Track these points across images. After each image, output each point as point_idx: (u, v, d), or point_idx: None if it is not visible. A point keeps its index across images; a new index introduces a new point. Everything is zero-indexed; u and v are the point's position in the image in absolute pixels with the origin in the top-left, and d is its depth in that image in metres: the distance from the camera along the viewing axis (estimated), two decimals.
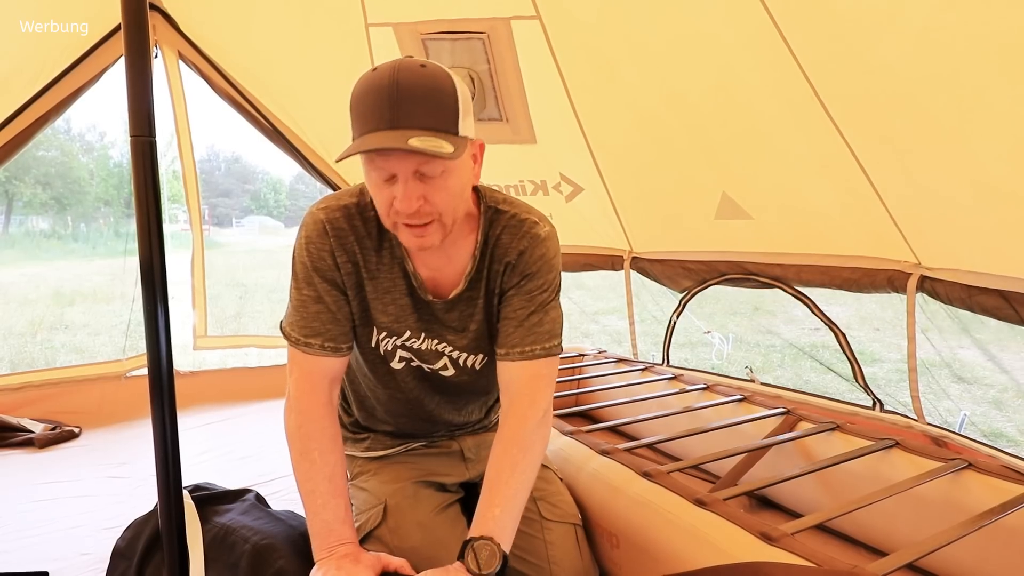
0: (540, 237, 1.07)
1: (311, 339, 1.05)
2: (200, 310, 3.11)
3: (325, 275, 1.04)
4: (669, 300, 2.66)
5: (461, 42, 2.27)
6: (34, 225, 24.16)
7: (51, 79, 2.37)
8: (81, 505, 1.87)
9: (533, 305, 1.06)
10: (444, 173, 0.91)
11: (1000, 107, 1.23)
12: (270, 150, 2.98)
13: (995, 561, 1.24)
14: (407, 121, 0.86)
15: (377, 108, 0.87)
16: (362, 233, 1.05)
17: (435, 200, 0.91)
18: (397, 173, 0.89)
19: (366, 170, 0.93)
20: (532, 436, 1.03)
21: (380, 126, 0.87)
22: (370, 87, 0.89)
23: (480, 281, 1.09)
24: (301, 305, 1.05)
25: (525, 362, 1.05)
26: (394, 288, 1.08)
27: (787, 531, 1.02)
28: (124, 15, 1.00)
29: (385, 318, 1.09)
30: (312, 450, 1.03)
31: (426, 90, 0.88)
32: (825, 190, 1.78)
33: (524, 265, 1.06)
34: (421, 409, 1.23)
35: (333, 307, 1.05)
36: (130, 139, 1.02)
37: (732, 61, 1.70)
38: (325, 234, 1.03)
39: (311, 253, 1.04)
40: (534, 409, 1.05)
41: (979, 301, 1.54)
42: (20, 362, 5.69)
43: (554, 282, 1.09)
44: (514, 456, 1.01)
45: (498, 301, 1.10)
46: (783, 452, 1.67)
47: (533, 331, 1.05)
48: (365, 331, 1.12)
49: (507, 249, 1.07)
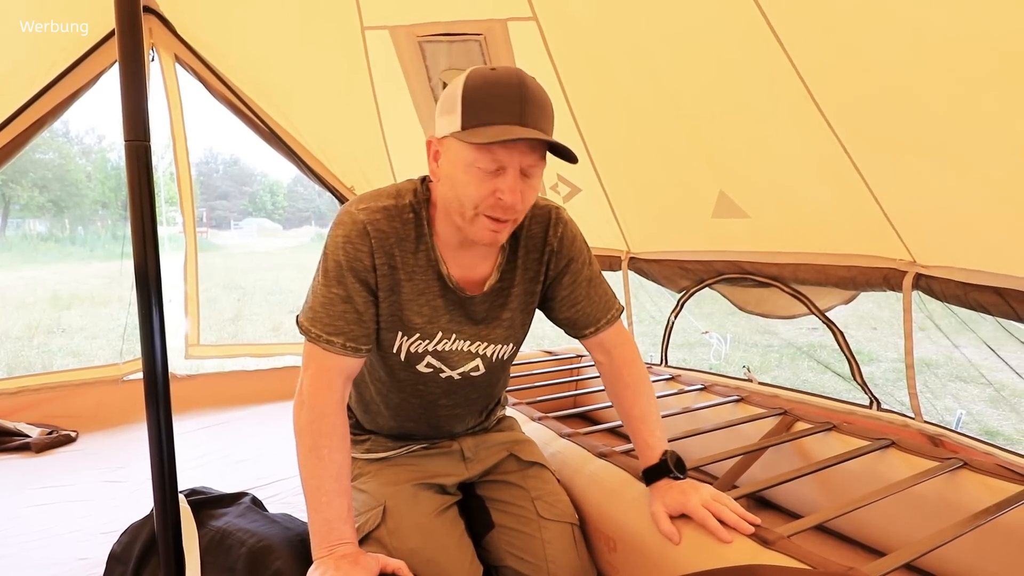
0: (567, 221, 1.19)
1: (333, 337, 1.05)
2: (193, 317, 3.04)
3: (359, 275, 1.05)
4: (667, 300, 2.66)
5: (458, 44, 2.27)
6: (31, 228, 24.16)
7: (48, 81, 2.37)
8: (78, 510, 1.87)
9: (587, 280, 1.20)
10: (538, 178, 1.00)
11: (992, 107, 1.23)
12: (268, 152, 3.00)
13: (992, 560, 1.25)
14: (533, 122, 0.94)
15: (508, 103, 0.93)
16: (401, 235, 1.06)
17: (526, 199, 0.99)
18: (508, 166, 0.95)
19: (472, 159, 0.95)
20: (643, 372, 1.24)
21: (511, 120, 0.93)
22: (498, 84, 0.94)
23: (514, 271, 1.16)
24: (328, 302, 1.05)
25: (611, 328, 1.23)
26: (428, 290, 1.10)
27: (783, 533, 1.02)
28: (117, 19, 0.99)
29: (419, 319, 1.11)
30: (322, 447, 1.03)
31: (543, 99, 0.97)
32: (821, 189, 1.79)
33: (567, 249, 1.18)
34: (431, 415, 1.25)
35: (361, 307, 1.06)
36: (125, 144, 1.02)
37: (727, 61, 1.71)
38: (365, 235, 1.04)
39: (348, 252, 1.04)
40: (633, 354, 1.25)
41: (975, 298, 1.54)
42: (17, 366, 5.67)
43: (590, 255, 1.23)
44: (642, 392, 1.21)
45: (544, 286, 1.20)
46: (780, 452, 1.68)
47: (601, 302, 1.22)
48: (389, 336, 1.12)
49: (542, 239, 1.16)
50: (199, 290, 3.06)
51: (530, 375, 2.42)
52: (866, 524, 1.49)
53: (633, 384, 1.22)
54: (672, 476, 1.12)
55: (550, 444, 1.54)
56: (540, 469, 1.31)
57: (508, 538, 1.21)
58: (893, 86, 1.37)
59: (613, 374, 1.24)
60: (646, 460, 1.17)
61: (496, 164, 0.95)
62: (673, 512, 1.09)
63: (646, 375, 1.25)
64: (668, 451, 1.15)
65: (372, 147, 2.90)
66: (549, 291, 1.21)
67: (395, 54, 2.36)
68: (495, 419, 1.41)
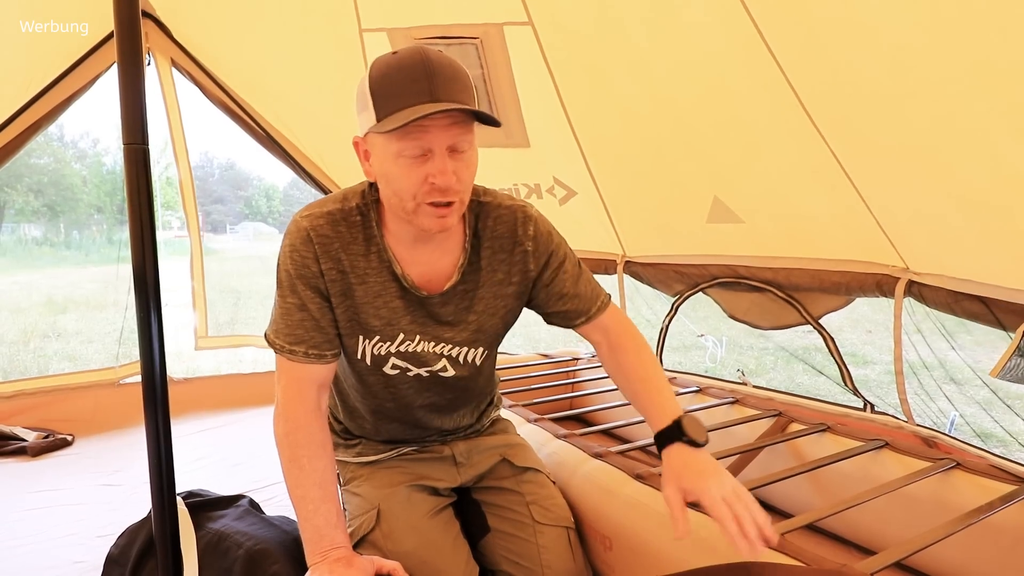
0: (535, 217, 1.14)
1: (295, 346, 1.05)
2: (200, 312, 3.16)
3: (309, 282, 1.04)
4: (662, 304, 2.67)
5: (455, 47, 2.28)
6: (26, 233, 24.06)
7: (44, 85, 2.37)
8: (74, 513, 1.87)
9: (570, 274, 1.17)
10: (469, 150, 0.96)
11: (974, 121, 1.24)
12: (264, 156, 2.99)
13: (982, 559, 1.26)
14: (445, 95, 0.89)
15: (414, 82, 0.89)
16: (347, 239, 1.05)
17: (463, 177, 0.95)
18: (433, 147, 0.92)
19: (396, 149, 0.93)
20: (644, 340, 1.21)
21: (422, 99, 0.89)
22: (399, 66, 0.91)
23: (477, 272, 1.11)
24: (286, 313, 1.05)
25: (603, 314, 1.20)
26: (385, 291, 1.08)
27: (778, 531, 1.03)
28: (116, 22, 1.00)
29: (377, 322, 1.09)
30: (301, 457, 1.03)
31: (453, 69, 0.92)
32: (815, 196, 1.80)
33: (543, 246, 1.14)
34: (411, 416, 1.23)
35: (317, 314, 1.06)
36: (123, 147, 1.03)
37: (722, 70, 1.72)
38: (309, 241, 1.03)
39: (295, 261, 1.04)
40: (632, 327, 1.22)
41: (963, 306, 1.56)
42: (12, 370, 5.65)
43: (566, 245, 1.19)
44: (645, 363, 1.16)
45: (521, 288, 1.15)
46: (775, 453, 1.68)
47: (587, 291, 1.19)
48: (351, 342, 1.11)
49: (511, 239, 1.12)
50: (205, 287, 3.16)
51: (526, 378, 2.43)
52: (859, 523, 1.50)
53: (635, 349, 1.18)
54: (686, 440, 1.00)
55: (546, 446, 1.54)
56: (535, 473, 1.30)
57: (504, 543, 1.21)
58: (881, 99, 1.38)
59: (613, 346, 1.20)
60: (656, 422, 1.05)
61: (420, 148, 0.92)
62: (689, 498, 0.95)
63: (647, 343, 1.20)
64: (686, 414, 1.04)
65: None
66: (534, 291, 1.17)
67: None
68: (488, 421, 1.39)
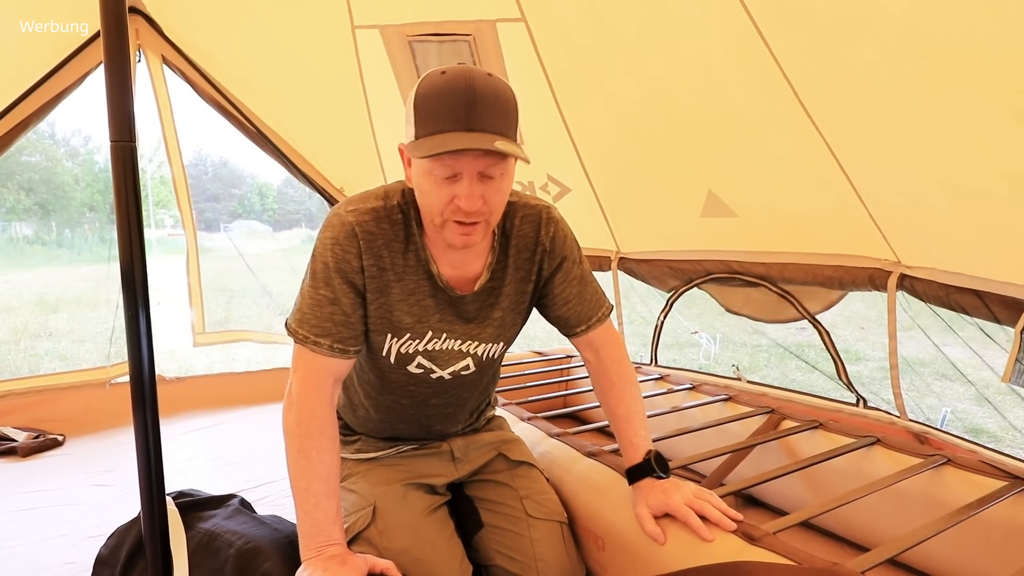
0: (558, 220, 1.19)
1: (321, 338, 1.05)
2: (198, 308, 3.17)
3: (347, 277, 1.05)
4: (657, 300, 2.67)
5: (448, 44, 2.27)
6: (17, 231, 23.87)
7: (34, 82, 2.34)
8: (65, 514, 1.85)
9: (578, 280, 1.21)
10: (502, 176, 0.97)
11: (971, 113, 1.25)
12: (258, 155, 2.98)
13: (973, 554, 1.27)
14: (482, 124, 0.91)
15: (453, 109, 0.91)
16: (390, 236, 1.06)
17: (491, 201, 0.97)
18: (463, 172, 0.93)
19: (427, 167, 0.95)
20: (630, 371, 1.26)
21: (457, 127, 0.91)
22: (444, 88, 0.92)
23: (505, 271, 1.16)
24: (316, 304, 1.05)
25: (600, 327, 1.24)
26: (418, 289, 1.10)
27: (769, 530, 1.03)
28: (103, 19, 0.99)
29: (409, 319, 1.11)
30: (310, 448, 1.03)
31: (497, 97, 0.93)
32: (808, 190, 1.80)
33: (559, 248, 1.18)
34: (424, 415, 1.25)
35: (348, 309, 1.06)
36: (110, 144, 1.02)
37: (716, 64, 1.72)
38: (353, 236, 1.04)
39: (336, 255, 1.04)
40: (621, 353, 1.26)
41: (956, 299, 1.56)
42: (3, 370, 5.60)
43: (581, 254, 1.24)
44: (628, 391, 1.23)
45: (536, 286, 1.20)
46: (768, 451, 1.69)
47: (592, 300, 1.23)
48: (379, 339, 1.12)
49: (534, 238, 1.15)
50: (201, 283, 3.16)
51: (520, 375, 2.43)
52: (851, 521, 1.50)
53: (620, 383, 1.23)
54: (655, 475, 1.14)
55: (539, 444, 1.54)
56: (529, 468, 1.32)
57: (497, 537, 1.21)
58: (876, 92, 1.38)
59: (601, 372, 1.26)
60: (630, 459, 1.18)
61: (450, 171, 0.94)
62: (656, 512, 1.10)
63: (633, 375, 1.26)
64: (652, 451, 1.17)
65: (362, 148, 2.90)
66: (543, 290, 1.21)
67: (385, 54, 2.36)
68: (485, 419, 1.42)
